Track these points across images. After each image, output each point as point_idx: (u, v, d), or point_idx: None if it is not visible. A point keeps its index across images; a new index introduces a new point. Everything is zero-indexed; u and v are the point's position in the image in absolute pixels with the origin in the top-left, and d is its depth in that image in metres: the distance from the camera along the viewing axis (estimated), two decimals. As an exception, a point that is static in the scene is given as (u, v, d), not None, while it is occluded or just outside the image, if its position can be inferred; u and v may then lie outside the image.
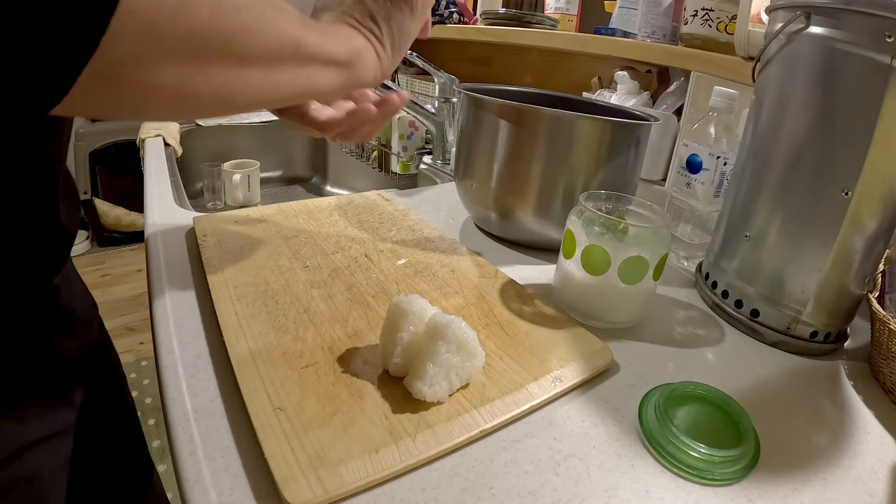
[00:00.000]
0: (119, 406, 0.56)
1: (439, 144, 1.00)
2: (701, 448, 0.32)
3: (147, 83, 0.23)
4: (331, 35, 0.34)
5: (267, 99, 0.31)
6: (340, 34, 0.36)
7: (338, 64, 0.34)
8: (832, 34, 0.40)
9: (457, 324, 0.34)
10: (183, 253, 0.53)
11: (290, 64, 0.30)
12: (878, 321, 0.42)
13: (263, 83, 0.29)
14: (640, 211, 0.49)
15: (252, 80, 0.28)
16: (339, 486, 0.28)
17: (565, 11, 1.08)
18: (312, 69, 0.32)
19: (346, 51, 0.35)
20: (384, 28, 0.38)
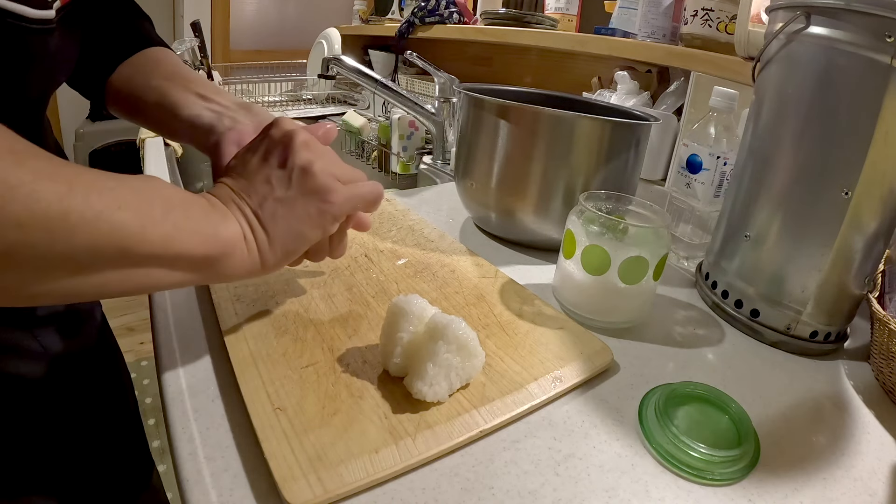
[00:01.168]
0: (121, 403, 0.56)
1: (439, 144, 1.00)
2: (701, 448, 0.32)
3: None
4: (192, 225, 0.30)
5: (87, 297, 0.27)
6: (209, 221, 0.31)
7: (191, 262, 0.30)
8: (832, 34, 0.40)
9: (457, 324, 0.34)
10: (183, 253, 0.53)
11: (114, 267, 0.27)
12: (878, 321, 0.42)
13: (77, 286, 0.26)
14: (640, 211, 0.49)
15: (58, 286, 0.25)
16: (339, 486, 0.28)
17: (565, 11, 1.08)
18: (152, 269, 0.28)
19: (206, 247, 0.30)
20: (270, 226, 0.33)
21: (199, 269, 0.30)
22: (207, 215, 0.31)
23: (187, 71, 0.47)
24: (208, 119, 0.43)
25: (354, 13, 1.80)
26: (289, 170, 0.34)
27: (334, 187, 0.35)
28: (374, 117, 1.27)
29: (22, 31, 0.31)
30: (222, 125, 0.43)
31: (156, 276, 0.29)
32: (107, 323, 0.56)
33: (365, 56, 1.68)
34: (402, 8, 1.56)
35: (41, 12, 0.32)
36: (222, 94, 0.46)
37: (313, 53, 1.62)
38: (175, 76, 0.45)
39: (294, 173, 0.34)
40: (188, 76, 0.46)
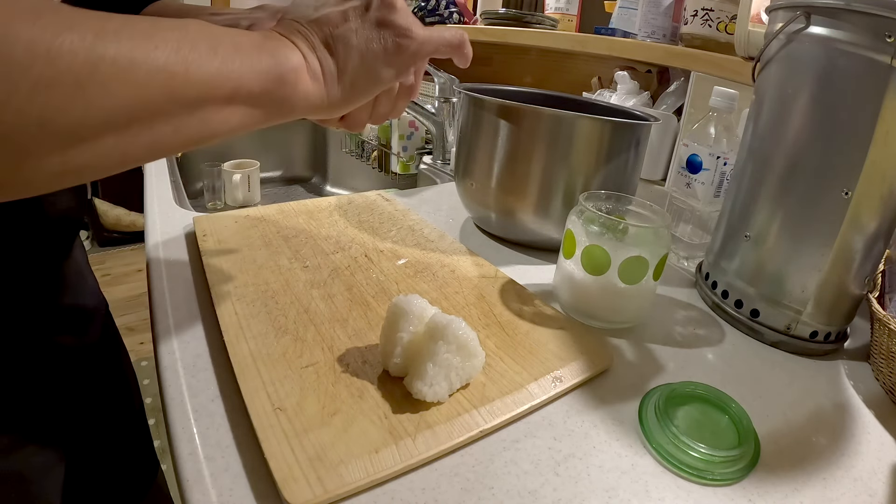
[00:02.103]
0: (126, 401, 0.56)
1: (439, 144, 1.00)
2: (701, 448, 0.32)
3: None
4: (244, 56, 0.27)
5: (141, 159, 0.25)
6: (264, 50, 0.28)
7: (249, 97, 0.27)
8: (832, 34, 0.40)
9: (457, 324, 0.34)
10: (183, 253, 0.53)
11: (162, 118, 0.24)
12: (878, 321, 0.42)
13: (126, 147, 0.23)
14: (640, 211, 0.49)
15: (106, 151, 0.22)
16: (339, 486, 0.28)
17: (565, 11, 1.08)
18: (206, 112, 0.25)
19: (262, 78, 0.27)
20: (343, 56, 0.31)
21: (260, 104, 0.28)
22: (261, 46, 0.28)
23: (197, 7, 0.47)
24: (225, 21, 0.42)
25: (354, 13, 1.80)
26: (367, 2, 0.32)
27: (414, 22, 0.33)
28: (374, 117, 1.27)
29: None
30: (241, 26, 0.41)
31: (214, 121, 0.26)
32: (112, 321, 0.56)
33: (365, 56, 1.67)
34: (402, 8, 1.56)
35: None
36: (234, 9, 0.45)
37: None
38: (183, 10, 0.45)
39: (373, 3, 0.32)
40: (198, 8, 0.46)
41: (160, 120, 0.24)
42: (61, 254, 0.46)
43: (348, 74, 0.31)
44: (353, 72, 0.32)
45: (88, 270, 0.54)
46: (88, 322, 0.50)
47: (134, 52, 0.22)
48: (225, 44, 0.26)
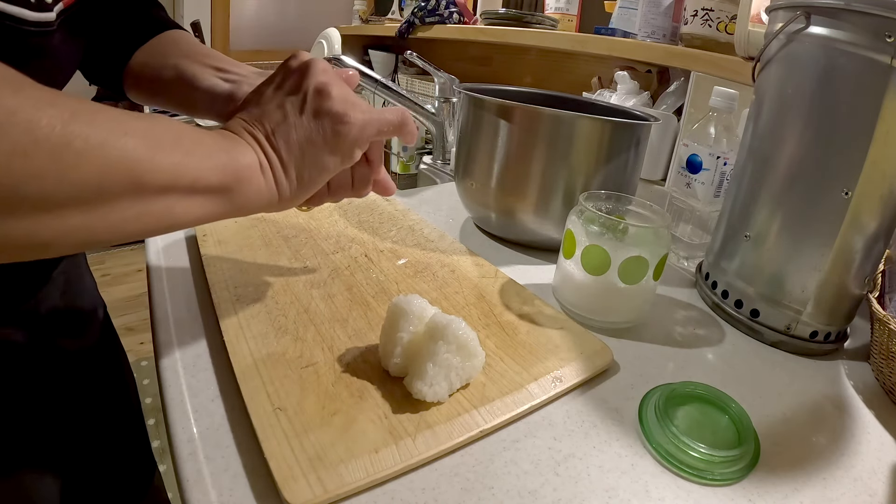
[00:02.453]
0: (123, 402, 0.56)
1: (439, 144, 0.99)
2: (701, 448, 0.32)
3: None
4: (204, 151, 0.29)
5: (105, 240, 0.26)
6: (222, 148, 0.30)
7: (207, 190, 0.28)
8: (832, 34, 0.40)
9: (457, 324, 0.34)
10: (183, 253, 0.53)
11: (127, 200, 0.25)
12: (878, 321, 0.42)
13: (92, 226, 0.24)
14: (640, 211, 0.49)
15: (71, 226, 0.24)
16: (339, 486, 0.28)
17: (565, 11, 1.08)
18: (169, 200, 0.27)
19: (220, 174, 0.29)
20: (285, 151, 0.32)
21: (217, 198, 0.29)
22: (219, 143, 0.30)
23: (203, 48, 0.47)
24: (226, 89, 0.42)
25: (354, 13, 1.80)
26: (303, 92, 0.33)
27: (352, 108, 0.33)
28: (374, 117, 1.27)
29: (21, 34, 0.31)
30: (241, 92, 0.42)
31: (177, 210, 0.27)
32: (110, 322, 0.56)
33: (365, 56, 1.68)
34: (402, 8, 1.56)
35: (40, 15, 0.32)
36: (239, 65, 0.46)
37: (313, 53, 1.62)
38: (191, 53, 0.46)
39: (308, 95, 0.33)
40: (205, 52, 0.46)
41: (125, 202, 0.25)
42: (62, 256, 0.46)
43: (294, 168, 0.32)
44: (297, 165, 0.33)
45: (87, 271, 0.54)
46: (87, 323, 0.50)
47: (105, 134, 0.24)
48: (187, 138, 0.28)
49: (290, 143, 0.32)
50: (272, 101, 0.33)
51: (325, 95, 0.33)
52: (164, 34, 0.48)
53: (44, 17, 0.33)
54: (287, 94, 0.33)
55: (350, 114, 0.33)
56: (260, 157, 0.31)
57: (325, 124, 0.33)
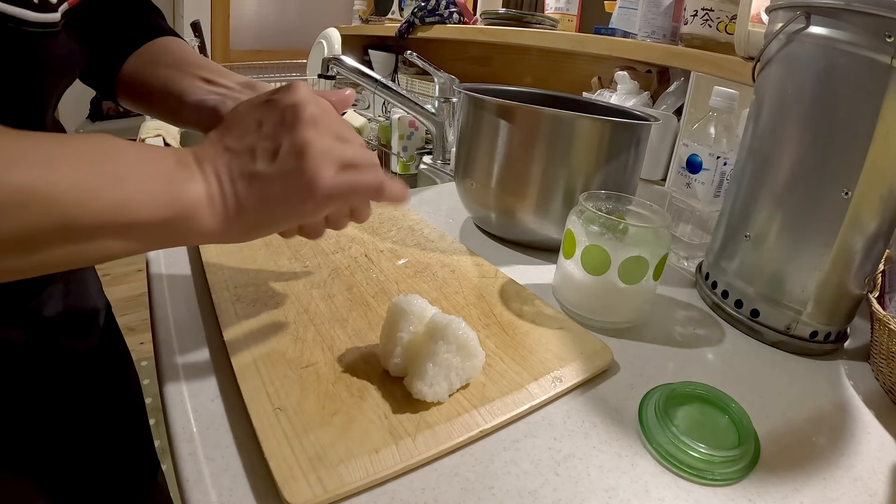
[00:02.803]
0: (128, 401, 0.56)
1: (439, 144, 1.00)
2: (701, 448, 0.32)
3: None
4: (148, 188, 0.27)
5: (34, 273, 0.26)
6: (171, 181, 0.28)
7: (147, 227, 0.27)
8: (832, 34, 0.40)
9: (457, 324, 0.34)
10: (183, 253, 0.53)
11: (57, 244, 0.25)
12: (878, 321, 0.42)
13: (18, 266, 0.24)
14: (640, 211, 0.49)
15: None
16: (339, 486, 0.28)
17: (565, 11, 1.08)
18: (102, 241, 0.26)
19: (163, 210, 0.27)
20: (244, 195, 0.30)
21: (157, 234, 0.28)
22: (170, 174, 0.28)
23: (194, 57, 0.46)
24: (213, 102, 0.42)
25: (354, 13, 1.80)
26: (277, 144, 0.30)
27: (323, 178, 0.30)
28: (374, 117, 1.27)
29: (24, 35, 0.31)
30: (226, 107, 0.42)
31: (111, 247, 0.26)
32: (114, 321, 0.56)
33: (365, 56, 1.68)
34: (402, 8, 1.56)
35: (44, 15, 0.32)
36: (228, 76, 0.45)
37: (313, 53, 1.62)
38: (181, 63, 0.45)
39: (283, 150, 0.30)
40: (194, 61, 0.45)
41: (56, 245, 0.25)
42: None
43: (248, 214, 0.31)
44: (252, 214, 0.31)
45: (91, 271, 0.54)
46: (91, 323, 0.50)
47: (36, 181, 0.23)
48: (130, 172, 0.27)
49: (250, 189, 0.30)
50: (245, 139, 0.31)
51: (302, 157, 0.30)
52: (157, 41, 0.47)
53: (48, 17, 0.32)
54: (263, 137, 0.31)
55: (318, 182, 0.30)
56: (214, 191, 0.29)
57: (291, 187, 0.30)
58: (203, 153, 0.31)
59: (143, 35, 0.47)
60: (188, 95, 0.43)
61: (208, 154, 0.31)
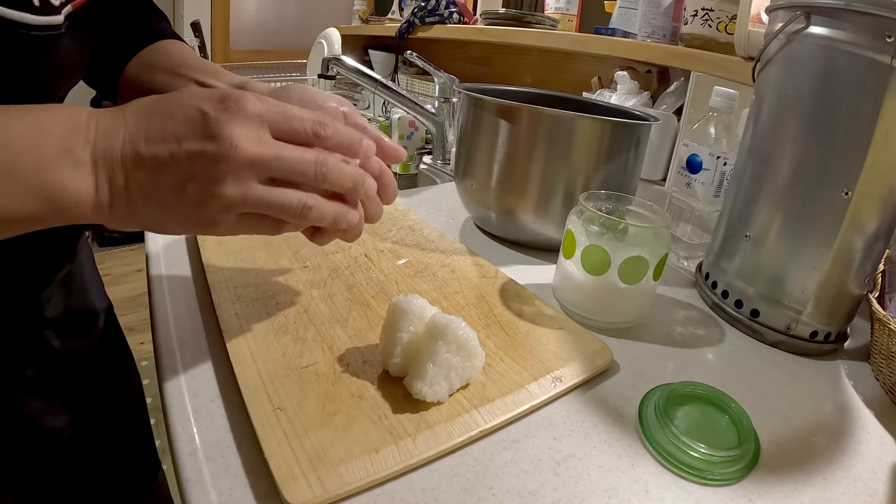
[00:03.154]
0: (129, 401, 0.56)
1: (439, 144, 1.00)
2: (701, 448, 0.32)
3: None
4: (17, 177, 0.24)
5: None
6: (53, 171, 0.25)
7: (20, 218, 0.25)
8: (832, 34, 0.40)
9: (457, 324, 0.34)
10: (183, 253, 0.53)
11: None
12: (878, 321, 0.42)
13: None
14: (640, 211, 0.49)
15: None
16: (339, 486, 0.28)
17: (565, 11, 1.08)
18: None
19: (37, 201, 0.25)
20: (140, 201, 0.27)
21: (30, 222, 0.26)
22: (53, 162, 0.25)
23: (191, 59, 0.47)
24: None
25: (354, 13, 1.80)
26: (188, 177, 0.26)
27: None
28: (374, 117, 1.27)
29: (26, 38, 0.31)
30: None
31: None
32: (116, 322, 0.57)
33: (365, 56, 1.68)
34: (402, 8, 1.56)
35: (46, 18, 0.32)
36: (222, 77, 0.45)
37: (313, 53, 1.62)
38: (177, 66, 0.46)
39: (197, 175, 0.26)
40: (190, 64, 0.46)
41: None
42: (65, 257, 0.46)
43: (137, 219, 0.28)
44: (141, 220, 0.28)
45: (94, 270, 0.54)
46: (92, 324, 0.50)
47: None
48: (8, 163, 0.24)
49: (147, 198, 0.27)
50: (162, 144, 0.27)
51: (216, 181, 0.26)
52: (157, 44, 0.48)
53: (50, 20, 0.32)
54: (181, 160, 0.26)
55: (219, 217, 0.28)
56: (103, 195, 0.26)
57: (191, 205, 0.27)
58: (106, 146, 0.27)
59: (145, 38, 0.48)
60: None
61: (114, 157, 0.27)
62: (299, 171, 0.29)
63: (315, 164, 0.29)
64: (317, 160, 0.29)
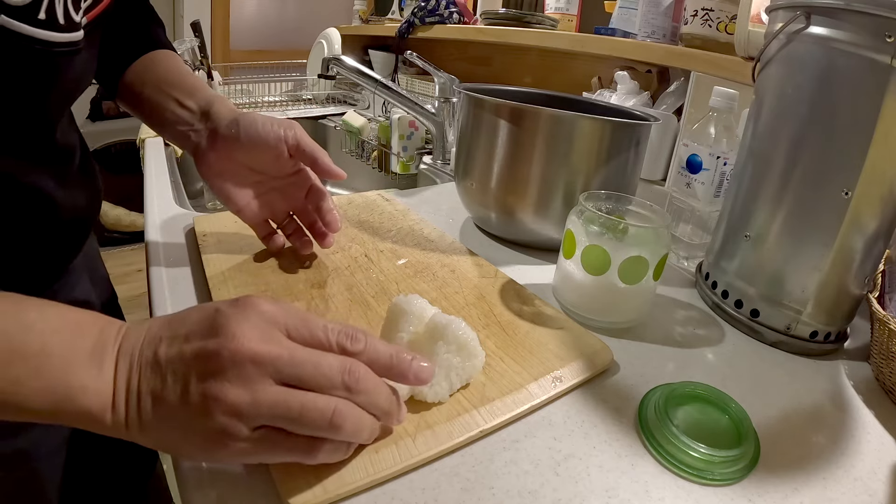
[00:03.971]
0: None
1: (439, 144, 1.00)
2: (701, 448, 0.32)
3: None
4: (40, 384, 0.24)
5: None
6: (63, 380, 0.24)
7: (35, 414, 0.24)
8: (832, 34, 0.40)
9: (457, 324, 0.34)
10: (183, 253, 0.53)
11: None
12: (878, 321, 0.42)
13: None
14: (640, 211, 0.49)
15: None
16: (339, 486, 0.28)
17: (565, 11, 1.08)
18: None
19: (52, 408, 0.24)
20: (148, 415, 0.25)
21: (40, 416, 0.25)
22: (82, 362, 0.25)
23: (174, 76, 0.50)
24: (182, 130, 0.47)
25: (354, 13, 1.80)
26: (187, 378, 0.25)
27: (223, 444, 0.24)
28: (374, 117, 1.27)
29: (49, 55, 0.32)
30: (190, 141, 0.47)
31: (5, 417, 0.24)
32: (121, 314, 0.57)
33: (365, 56, 1.68)
34: (402, 8, 1.56)
35: (69, 35, 0.33)
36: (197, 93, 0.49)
37: (313, 53, 1.62)
38: (161, 82, 0.49)
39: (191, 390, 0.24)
40: (172, 81, 0.49)
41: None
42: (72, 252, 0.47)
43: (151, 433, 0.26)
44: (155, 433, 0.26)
45: (100, 263, 0.54)
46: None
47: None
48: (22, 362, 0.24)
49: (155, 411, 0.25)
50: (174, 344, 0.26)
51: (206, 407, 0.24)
52: (150, 55, 0.50)
53: (72, 37, 0.34)
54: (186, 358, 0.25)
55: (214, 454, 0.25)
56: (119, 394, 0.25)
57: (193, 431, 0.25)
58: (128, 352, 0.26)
59: (143, 46, 0.51)
60: (166, 120, 0.48)
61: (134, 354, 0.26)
62: (317, 372, 0.25)
63: (342, 371, 0.25)
64: (343, 366, 0.25)
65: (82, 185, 0.45)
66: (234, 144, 0.46)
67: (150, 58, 0.50)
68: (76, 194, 0.43)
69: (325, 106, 1.56)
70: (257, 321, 0.25)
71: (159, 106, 0.48)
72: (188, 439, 0.25)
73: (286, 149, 0.46)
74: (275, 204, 0.50)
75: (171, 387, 0.24)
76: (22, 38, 0.30)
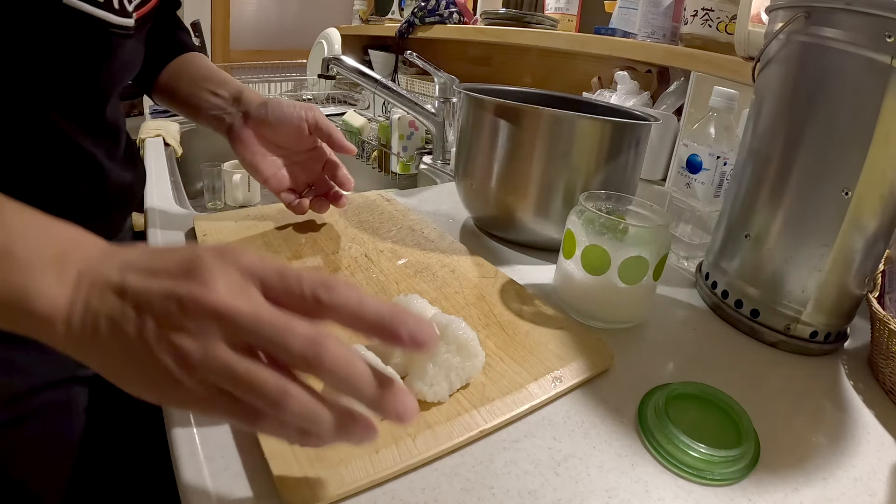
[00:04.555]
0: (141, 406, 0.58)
1: (439, 144, 1.00)
2: (701, 448, 0.32)
3: None
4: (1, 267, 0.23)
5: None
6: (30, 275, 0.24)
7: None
8: (832, 34, 0.40)
9: (457, 324, 0.34)
10: (183, 253, 0.53)
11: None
12: (878, 321, 0.42)
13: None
14: (640, 211, 0.49)
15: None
16: (339, 486, 0.28)
17: (565, 11, 1.08)
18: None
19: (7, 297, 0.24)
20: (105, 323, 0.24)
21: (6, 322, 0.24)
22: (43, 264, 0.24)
23: (205, 70, 0.59)
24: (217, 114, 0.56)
25: (354, 13, 1.80)
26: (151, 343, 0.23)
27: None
28: (374, 117, 1.27)
29: (105, 35, 0.39)
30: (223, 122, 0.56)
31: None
32: None
33: (365, 56, 1.68)
34: (402, 8, 1.56)
35: (122, 20, 0.40)
36: (227, 84, 0.58)
37: (313, 53, 1.62)
38: (195, 78, 0.58)
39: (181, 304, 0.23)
40: (205, 76, 0.58)
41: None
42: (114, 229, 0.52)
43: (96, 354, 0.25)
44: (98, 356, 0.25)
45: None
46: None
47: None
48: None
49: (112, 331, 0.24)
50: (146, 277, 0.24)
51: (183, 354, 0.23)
52: (183, 56, 0.60)
53: (125, 21, 0.40)
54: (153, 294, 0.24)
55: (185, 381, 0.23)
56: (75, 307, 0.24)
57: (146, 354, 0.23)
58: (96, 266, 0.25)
59: (175, 50, 0.60)
60: (202, 108, 0.57)
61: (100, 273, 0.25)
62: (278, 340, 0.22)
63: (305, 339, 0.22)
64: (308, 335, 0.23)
65: (128, 165, 0.51)
66: (264, 123, 0.55)
67: (181, 59, 0.60)
68: (123, 172, 0.49)
69: (325, 106, 1.56)
70: (233, 273, 0.24)
71: (195, 96, 0.57)
72: (133, 372, 0.24)
73: (307, 127, 0.55)
74: (297, 175, 0.58)
75: (132, 319, 0.23)
76: (84, 16, 0.36)
